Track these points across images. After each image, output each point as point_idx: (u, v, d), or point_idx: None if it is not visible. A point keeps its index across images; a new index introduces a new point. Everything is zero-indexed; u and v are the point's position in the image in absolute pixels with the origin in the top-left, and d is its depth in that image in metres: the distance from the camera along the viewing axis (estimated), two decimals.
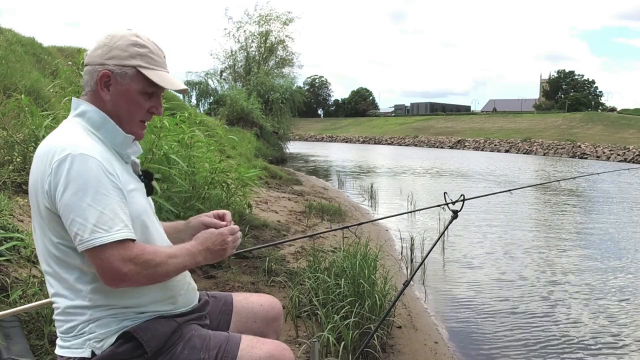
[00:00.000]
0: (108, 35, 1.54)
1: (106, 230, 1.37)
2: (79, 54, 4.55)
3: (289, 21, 32.82)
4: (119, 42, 1.52)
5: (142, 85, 1.54)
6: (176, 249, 1.54)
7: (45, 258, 1.50)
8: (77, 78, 5.03)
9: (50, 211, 1.43)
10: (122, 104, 1.54)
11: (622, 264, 6.87)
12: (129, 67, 1.52)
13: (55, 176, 1.39)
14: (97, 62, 1.52)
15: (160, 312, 1.56)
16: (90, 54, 1.55)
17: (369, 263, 4.07)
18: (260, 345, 1.60)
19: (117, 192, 1.44)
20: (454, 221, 2.80)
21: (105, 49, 1.52)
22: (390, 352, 3.58)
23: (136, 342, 1.47)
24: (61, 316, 1.50)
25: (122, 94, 1.53)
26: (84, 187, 1.38)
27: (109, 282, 1.40)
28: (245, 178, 5.46)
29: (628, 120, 51.73)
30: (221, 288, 4.07)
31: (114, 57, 1.51)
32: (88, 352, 1.47)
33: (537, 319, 4.76)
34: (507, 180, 19.23)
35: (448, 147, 56.69)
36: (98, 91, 1.52)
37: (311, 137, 78.22)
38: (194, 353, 1.53)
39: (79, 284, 1.46)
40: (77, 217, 1.37)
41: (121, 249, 1.39)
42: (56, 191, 1.39)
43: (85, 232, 1.36)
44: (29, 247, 3.01)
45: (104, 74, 1.50)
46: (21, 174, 4.09)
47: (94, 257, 1.38)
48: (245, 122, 24.22)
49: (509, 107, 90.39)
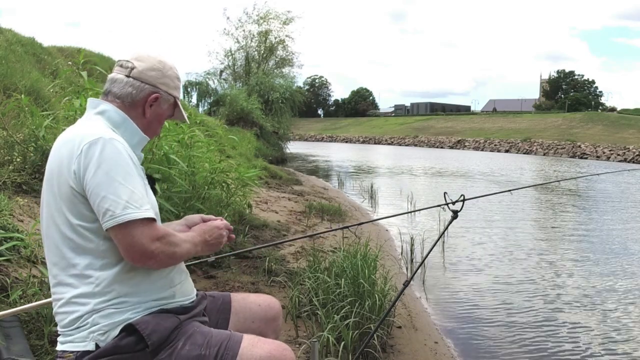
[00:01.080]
0: (160, 60, 1.73)
1: (137, 207, 1.46)
2: (79, 54, 4.55)
3: (289, 21, 32.81)
4: (169, 72, 1.74)
5: (171, 113, 1.78)
6: (183, 235, 1.62)
7: (57, 244, 1.53)
8: (77, 78, 5.03)
9: (74, 192, 1.49)
10: (154, 122, 1.74)
11: (623, 265, 6.86)
12: (171, 97, 1.75)
13: (85, 157, 1.48)
14: (151, 82, 1.69)
15: (161, 302, 1.59)
16: (142, 71, 1.68)
17: (369, 263, 4.07)
18: (261, 345, 1.60)
19: (142, 179, 1.57)
20: (454, 221, 2.80)
21: (159, 74, 1.71)
22: (390, 352, 3.58)
23: (138, 335, 1.49)
24: (65, 307, 1.52)
25: (158, 115, 1.73)
26: (116, 167, 1.48)
27: (136, 259, 1.47)
28: (245, 178, 5.46)
29: (628, 120, 51.73)
30: (221, 288, 4.07)
31: (165, 84, 1.72)
32: (92, 345, 1.48)
33: (538, 319, 4.76)
34: (507, 180, 19.23)
35: (448, 147, 56.70)
36: (143, 106, 1.69)
37: (311, 137, 78.22)
38: (195, 349, 1.55)
39: (88, 269, 1.50)
40: (110, 194, 1.45)
41: (149, 228, 1.48)
42: (86, 171, 1.47)
43: (118, 208, 1.44)
44: (29, 247, 3.01)
45: (156, 97, 1.70)
46: (21, 174, 4.09)
47: (123, 234, 1.45)
48: (245, 122, 24.22)
49: (509, 107, 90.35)
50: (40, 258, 2.99)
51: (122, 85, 1.67)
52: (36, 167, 4.19)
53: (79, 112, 3.99)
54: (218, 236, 1.72)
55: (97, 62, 9.74)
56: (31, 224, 3.30)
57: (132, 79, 1.67)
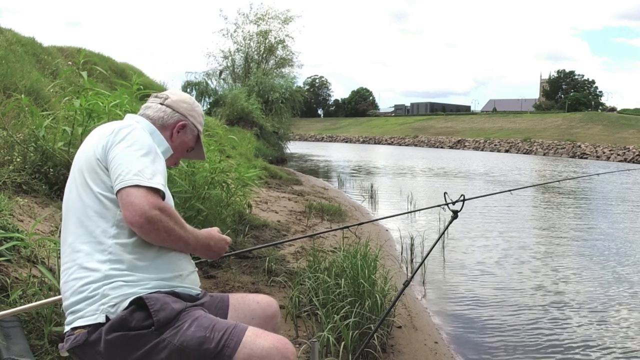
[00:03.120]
0: (190, 97, 2.04)
1: (147, 178, 1.58)
2: (79, 54, 4.55)
3: (288, 20, 32.79)
4: (197, 109, 2.02)
5: (192, 144, 2.01)
6: (191, 228, 1.72)
7: (77, 215, 1.64)
8: (77, 78, 5.03)
9: (99, 162, 1.65)
10: (178, 148, 1.96)
11: (623, 266, 6.86)
12: (196, 129, 1.99)
13: (115, 135, 1.67)
14: (181, 111, 1.95)
15: (170, 284, 1.65)
16: (175, 101, 1.96)
17: (369, 263, 4.06)
18: (265, 336, 1.63)
19: (162, 165, 1.71)
20: (454, 221, 2.80)
21: (189, 107, 1.98)
22: (390, 352, 3.58)
23: (147, 311, 1.53)
24: (76, 273, 1.58)
25: (182, 142, 1.96)
26: (139, 145, 1.66)
27: (135, 220, 1.54)
28: (245, 178, 5.46)
29: (628, 120, 51.75)
30: (221, 288, 4.07)
31: (192, 116, 1.98)
32: (102, 317, 1.52)
33: (538, 318, 4.76)
34: (507, 180, 19.23)
35: (448, 147, 56.70)
36: (172, 130, 1.92)
37: (311, 137, 78.23)
38: (200, 330, 1.57)
39: (103, 236, 1.59)
40: (126, 162, 1.60)
41: (154, 196, 1.57)
42: (113, 144, 1.65)
43: (129, 174, 1.57)
44: (29, 247, 3.01)
45: (184, 124, 1.94)
46: (21, 174, 4.09)
47: (127, 194, 1.55)
48: (245, 122, 24.22)
49: (509, 107, 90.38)
50: (40, 258, 3.00)
51: (156, 110, 1.92)
52: (36, 167, 4.18)
53: (79, 112, 4.00)
54: (221, 248, 1.85)
55: (97, 62, 9.76)
56: (31, 224, 3.30)
57: (165, 106, 1.93)
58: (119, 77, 11.75)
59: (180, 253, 1.72)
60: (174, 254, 1.69)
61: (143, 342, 1.52)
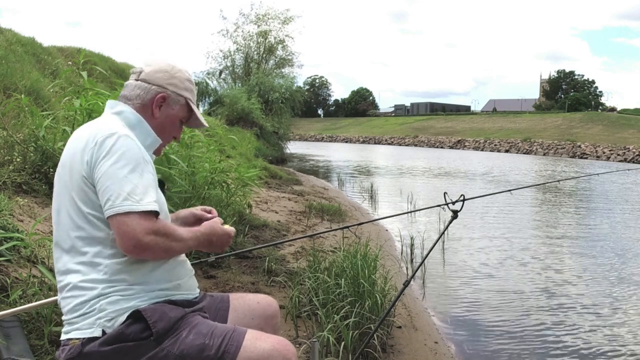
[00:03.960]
0: (169, 64, 1.77)
1: (137, 200, 1.49)
2: (79, 54, 4.55)
3: (288, 20, 32.81)
4: (178, 74, 1.77)
5: (184, 114, 1.79)
6: (187, 231, 1.66)
7: (67, 233, 1.57)
8: (77, 78, 5.03)
9: (86, 181, 1.55)
10: (167, 124, 1.76)
11: (624, 266, 6.85)
12: (182, 97, 1.77)
13: (99, 148, 1.54)
14: (157, 83, 1.73)
15: (167, 292, 1.63)
16: (149, 73, 1.73)
17: (369, 263, 4.06)
18: (265, 339, 1.62)
19: (151, 176, 1.59)
20: (454, 221, 2.80)
21: (167, 75, 1.74)
22: (390, 352, 3.58)
23: (144, 323, 1.51)
24: (72, 292, 1.54)
25: (169, 116, 1.76)
26: (125, 160, 1.53)
27: (130, 250, 1.49)
28: (245, 178, 5.46)
29: (628, 120, 51.74)
30: (221, 288, 4.07)
31: (173, 84, 1.75)
32: (99, 332, 1.50)
33: (538, 319, 4.76)
34: (507, 180, 19.23)
35: (448, 147, 56.69)
36: (151, 107, 1.72)
37: (311, 137, 78.21)
38: (199, 338, 1.56)
39: (98, 257, 1.54)
40: (113, 185, 1.49)
41: (146, 220, 1.50)
42: (97, 161, 1.53)
43: (118, 199, 1.48)
44: (29, 247, 3.01)
45: (162, 96, 1.73)
46: (21, 174, 4.09)
47: (119, 223, 1.48)
48: (245, 122, 24.22)
49: (509, 107, 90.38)
50: (40, 258, 2.99)
51: (132, 88, 1.73)
52: (36, 167, 4.18)
53: (79, 112, 4.00)
54: (224, 242, 1.75)
55: (97, 62, 9.74)
56: (31, 224, 3.30)
57: (140, 81, 1.73)
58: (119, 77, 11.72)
59: (177, 259, 1.70)
60: (171, 261, 1.67)
61: (141, 352, 1.51)
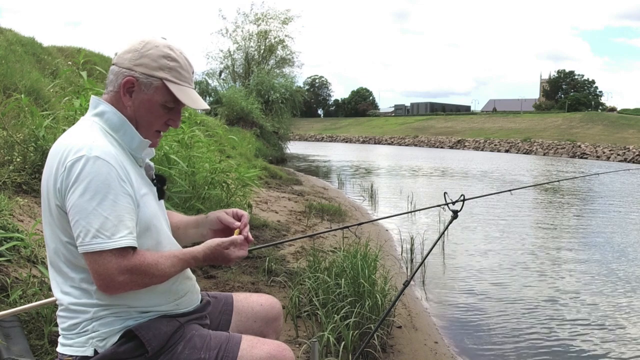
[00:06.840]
0: (142, 41, 1.53)
1: (108, 237, 1.37)
2: (79, 54, 4.55)
3: (288, 20, 32.80)
4: (151, 51, 1.51)
5: (165, 98, 1.53)
6: (181, 254, 1.54)
7: (54, 256, 1.51)
8: (77, 78, 5.03)
9: (60, 209, 1.43)
10: (143, 112, 1.54)
11: (624, 266, 6.85)
12: (155, 79, 1.51)
13: (67, 175, 1.39)
14: (125, 65, 1.51)
15: (163, 312, 1.57)
16: (120, 54, 1.53)
17: (369, 263, 4.07)
18: (260, 345, 1.60)
19: (126, 199, 1.43)
20: (454, 221, 2.80)
21: (136, 55, 1.51)
22: (390, 352, 3.58)
23: (138, 341, 1.48)
24: (65, 312, 1.50)
25: (143, 102, 1.53)
26: (93, 190, 1.38)
27: (102, 289, 1.42)
28: (245, 178, 5.46)
29: (628, 120, 51.70)
30: (221, 288, 4.07)
31: (142, 64, 1.50)
32: (90, 351, 1.47)
33: (538, 318, 4.76)
34: (507, 180, 19.22)
35: (448, 147, 56.67)
36: (120, 95, 1.52)
37: (311, 137, 78.20)
38: (194, 352, 1.54)
39: (85, 283, 1.46)
40: (82, 220, 1.37)
41: (119, 258, 1.39)
42: (67, 191, 1.40)
43: (87, 236, 1.37)
44: (29, 247, 3.01)
45: (128, 81, 1.50)
46: (21, 174, 4.09)
47: (91, 262, 1.39)
48: (245, 122, 24.21)
49: (509, 107, 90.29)
50: (40, 258, 2.99)
51: (109, 76, 1.55)
52: (36, 167, 4.19)
53: (79, 112, 4.00)
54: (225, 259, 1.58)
55: (97, 62, 9.73)
56: (31, 224, 3.30)
57: (113, 65, 1.54)
58: None
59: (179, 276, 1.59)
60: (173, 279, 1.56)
61: None
